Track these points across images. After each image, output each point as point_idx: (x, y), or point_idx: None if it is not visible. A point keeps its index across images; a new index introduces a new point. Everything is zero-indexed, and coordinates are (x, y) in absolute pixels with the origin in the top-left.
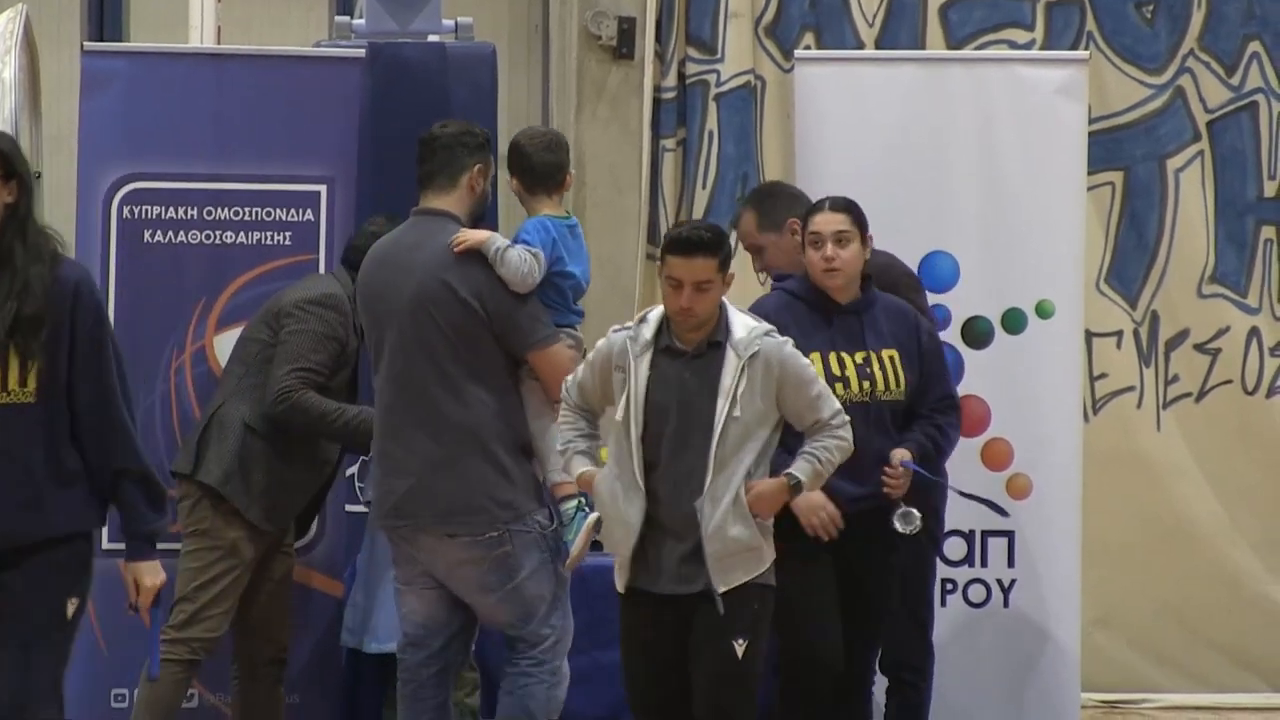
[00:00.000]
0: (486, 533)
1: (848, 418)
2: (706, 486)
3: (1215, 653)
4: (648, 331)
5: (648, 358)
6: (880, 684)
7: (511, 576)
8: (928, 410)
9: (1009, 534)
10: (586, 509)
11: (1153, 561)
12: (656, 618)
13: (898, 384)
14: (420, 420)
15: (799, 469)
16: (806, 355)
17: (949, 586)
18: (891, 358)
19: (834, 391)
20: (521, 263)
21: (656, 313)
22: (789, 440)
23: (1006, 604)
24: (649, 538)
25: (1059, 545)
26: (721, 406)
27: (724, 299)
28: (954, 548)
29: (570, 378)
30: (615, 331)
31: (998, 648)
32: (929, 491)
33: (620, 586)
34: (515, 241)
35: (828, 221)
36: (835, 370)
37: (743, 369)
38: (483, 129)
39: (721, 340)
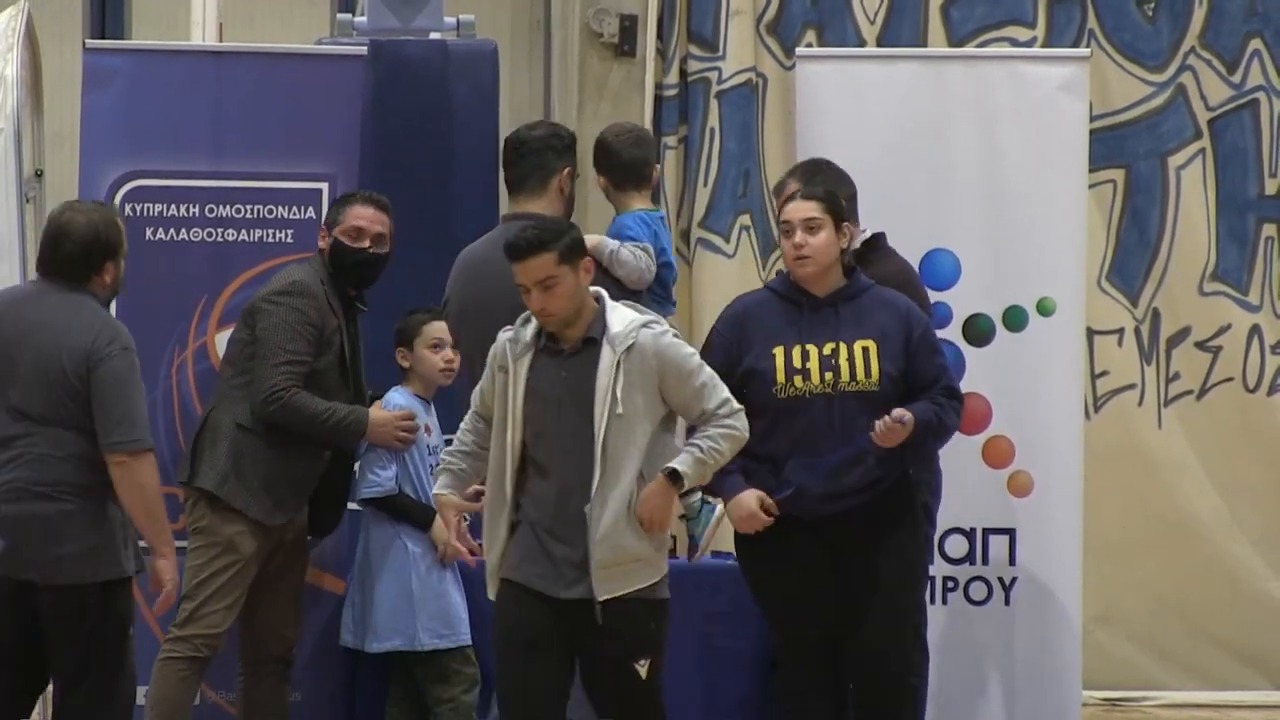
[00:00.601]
0: None
1: (739, 407)
2: (594, 490)
3: (1217, 650)
4: (528, 332)
5: (528, 359)
6: None
7: None
8: (938, 393)
9: (1010, 531)
10: (712, 502)
11: (1154, 559)
12: (540, 618)
13: (867, 375)
14: None
15: (679, 460)
16: (770, 351)
17: (950, 584)
18: (866, 348)
19: (793, 384)
20: (637, 261)
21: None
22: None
23: (1008, 602)
24: (536, 539)
25: (1060, 543)
26: (601, 406)
27: (604, 294)
28: (955, 545)
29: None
30: (504, 332)
31: (999, 645)
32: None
33: (491, 593)
34: (617, 238)
35: (797, 209)
36: (797, 363)
37: (619, 364)
38: (569, 131)
39: (597, 337)
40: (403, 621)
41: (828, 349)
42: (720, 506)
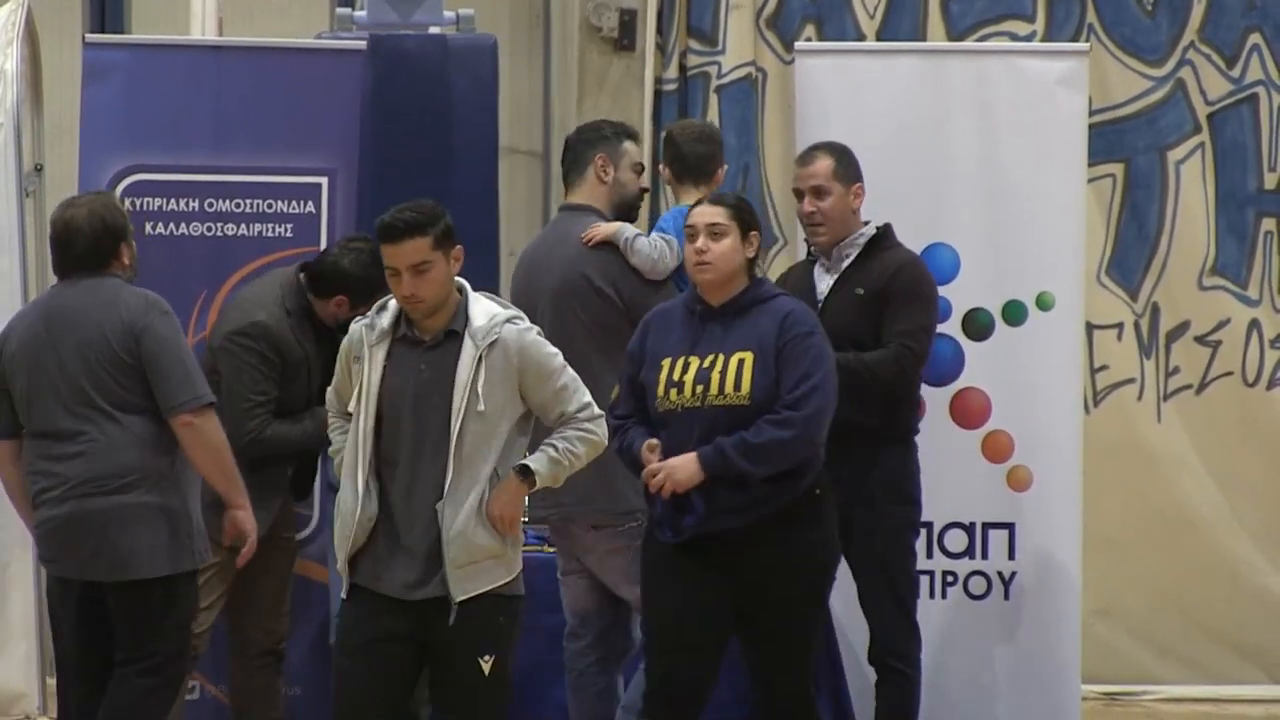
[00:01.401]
0: (627, 523)
1: (600, 413)
2: (447, 487)
3: (1215, 644)
4: (385, 320)
5: (384, 347)
6: (870, 676)
7: None
8: (778, 406)
9: (1010, 526)
10: None
11: (1153, 553)
12: (385, 621)
13: (738, 388)
14: None
15: (533, 459)
16: (660, 362)
17: (950, 579)
18: (742, 360)
19: (668, 398)
20: (652, 249)
21: (396, 301)
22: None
23: (1007, 596)
24: (384, 537)
25: (1060, 537)
26: (459, 401)
27: (466, 285)
28: (955, 540)
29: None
30: (357, 321)
31: (998, 640)
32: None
33: (344, 590)
34: (655, 231)
35: (702, 214)
36: (676, 375)
37: (480, 359)
38: (619, 121)
39: (460, 329)
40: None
41: (708, 361)
42: None
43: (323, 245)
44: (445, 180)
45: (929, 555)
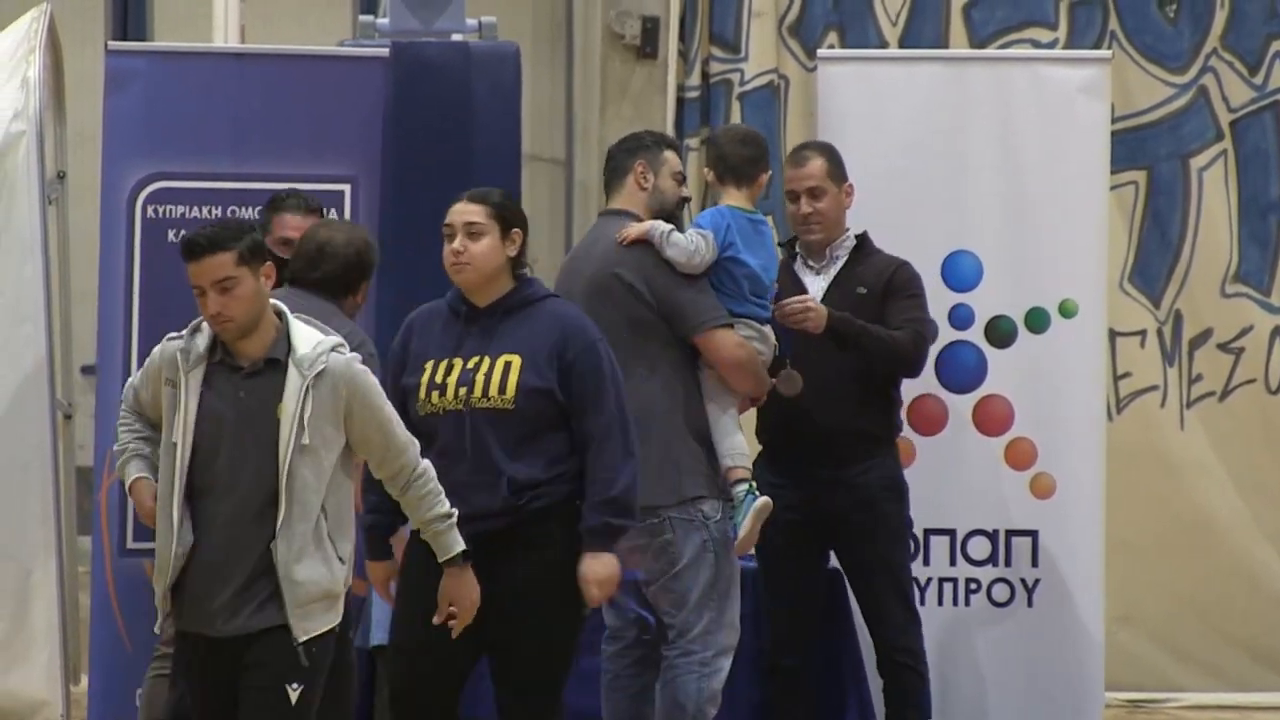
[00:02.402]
0: (647, 519)
1: (417, 444)
2: (280, 524)
3: (1238, 650)
4: (202, 343)
5: (200, 372)
6: (875, 685)
7: (671, 565)
8: (593, 464)
9: (1033, 533)
10: (756, 493)
11: (1176, 560)
12: (208, 663)
13: (501, 391)
14: None
15: (453, 541)
16: (422, 365)
17: (973, 586)
18: (509, 363)
19: (429, 401)
20: (688, 243)
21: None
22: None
23: (1030, 603)
24: (200, 570)
25: (1082, 544)
26: (287, 434)
27: (287, 311)
28: (978, 547)
29: (130, 381)
30: (170, 340)
31: (1022, 647)
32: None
33: (167, 626)
34: (692, 227)
35: (459, 213)
36: (439, 378)
37: (307, 390)
38: (660, 132)
39: (281, 358)
40: (367, 617)
41: (472, 363)
42: (761, 499)
43: None
44: (467, 187)
45: (952, 563)
